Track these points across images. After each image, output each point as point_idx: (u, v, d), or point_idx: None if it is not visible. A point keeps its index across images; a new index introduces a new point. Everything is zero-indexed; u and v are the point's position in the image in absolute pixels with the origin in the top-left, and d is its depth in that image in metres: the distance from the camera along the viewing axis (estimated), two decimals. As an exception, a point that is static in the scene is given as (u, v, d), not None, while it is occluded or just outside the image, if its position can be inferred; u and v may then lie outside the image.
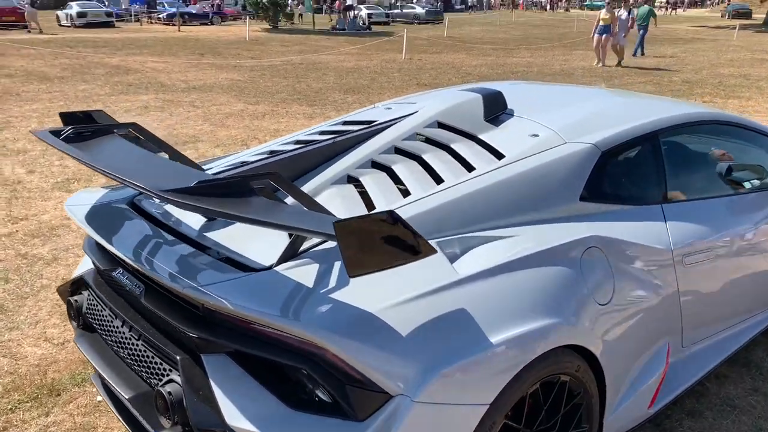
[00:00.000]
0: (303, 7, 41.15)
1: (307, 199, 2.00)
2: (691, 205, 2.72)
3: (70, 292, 2.57)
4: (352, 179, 2.53)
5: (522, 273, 2.01)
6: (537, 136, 2.53)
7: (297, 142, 2.84)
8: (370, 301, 1.76)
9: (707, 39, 26.20)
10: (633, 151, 2.68)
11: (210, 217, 2.23)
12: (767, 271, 3.01)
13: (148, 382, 2.07)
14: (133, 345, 2.12)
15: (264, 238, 2.06)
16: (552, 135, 2.52)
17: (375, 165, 2.61)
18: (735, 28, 27.30)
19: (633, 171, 2.68)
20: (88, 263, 2.59)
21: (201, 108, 10.24)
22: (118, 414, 2.25)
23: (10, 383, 3.02)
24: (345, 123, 3.03)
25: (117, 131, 2.46)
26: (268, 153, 2.73)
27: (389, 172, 2.52)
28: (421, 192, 2.23)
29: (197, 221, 2.26)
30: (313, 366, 1.71)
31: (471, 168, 2.39)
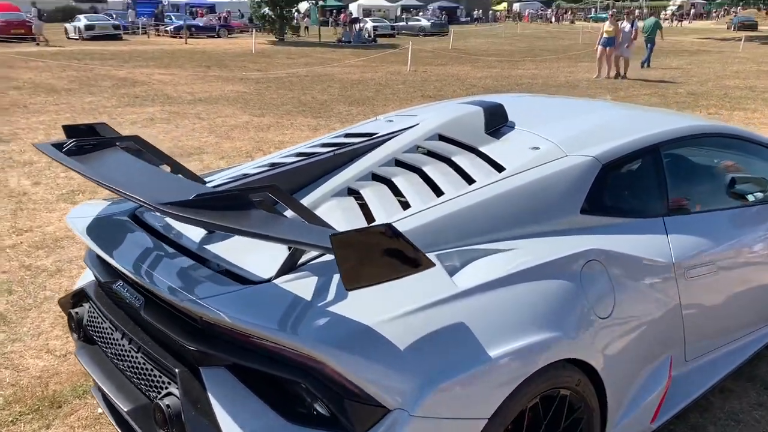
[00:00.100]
0: (309, 20, 41.45)
1: (306, 212, 2.01)
2: (694, 218, 2.71)
3: (71, 304, 2.57)
4: (352, 192, 2.54)
5: (522, 286, 2.01)
6: (538, 148, 2.53)
7: (298, 154, 2.85)
8: (368, 315, 1.76)
9: (713, 51, 26.21)
10: (634, 164, 2.67)
11: (210, 230, 2.24)
12: None
13: (147, 394, 2.06)
14: (133, 357, 2.12)
15: (263, 250, 2.06)
16: (553, 148, 2.52)
17: (375, 177, 2.61)
18: (741, 39, 27.28)
19: (634, 184, 2.68)
20: (89, 275, 2.60)
21: (206, 120, 10.29)
22: (117, 427, 2.25)
23: (11, 395, 3.02)
24: (346, 135, 3.04)
25: (119, 144, 2.48)
26: (269, 165, 2.74)
27: (389, 184, 2.52)
28: (421, 204, 2.23)
29: (198, 234, 2.27)
30: (312, 380, 1.71)
31: (471, 180, 2.39)
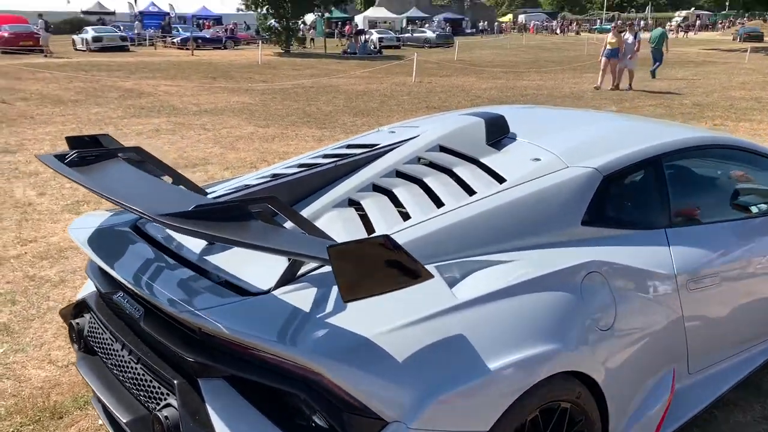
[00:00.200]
0: (315, 32, 41.63)
1: (306, 223, 2.01)
2: (696, 230, 2.69)
3: (72, 314, 2.57)
4: (353, 202, 2.54)
5: (522, 298, 2.00)
6: (539, 160, 2.52)
7: (300, 165, 2.86)
8: (367, 327, 1.75)
9: (718, 62, 26.18)
10: (636, 176, 2.66)
11: (210, 241, 2.24)
12: None
13: (146, 406, 2.06)
14: (132, 368, 2.12)
15: (263, 261, 2.06)
16: (554, 159, 2.52)
17: (376, 188, 2.61)
18: (746, 50, 27.23)
19: (636, 195, 2.67)
20: (91, 286, 2.60)
21: (212, 131, 10.33)
22: (116, 438, 2.24)
23: (12, 405, 3.02)
24: (348, 146, 3.05)
25: (121, 155, 2.49)
26: (270, 176, 2.75)
27: (390, 195, 2.52)
28: (422, 215, 2.23)
29: (198, 245, 2.27)
30: (310, 392, 1.71)
31: (472, 192, 2.38)
